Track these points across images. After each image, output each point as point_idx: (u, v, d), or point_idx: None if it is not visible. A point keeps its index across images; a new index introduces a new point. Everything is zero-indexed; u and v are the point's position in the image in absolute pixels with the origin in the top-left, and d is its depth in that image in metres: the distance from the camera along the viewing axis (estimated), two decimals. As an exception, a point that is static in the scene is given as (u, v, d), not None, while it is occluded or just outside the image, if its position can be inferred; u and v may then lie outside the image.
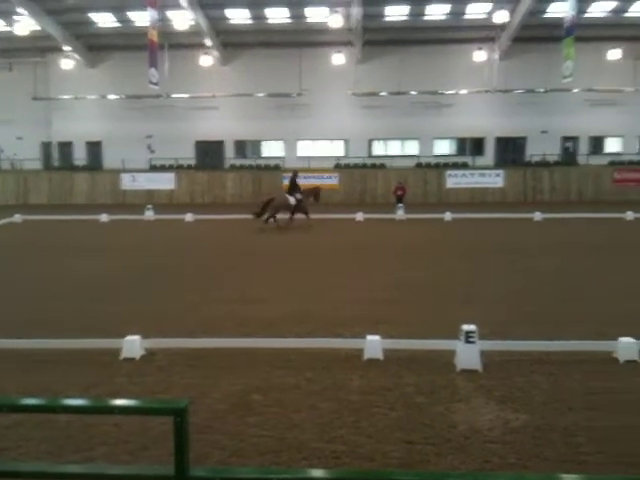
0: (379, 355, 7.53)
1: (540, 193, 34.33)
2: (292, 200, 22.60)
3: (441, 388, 6.64)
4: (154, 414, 2.94)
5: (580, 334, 8.17)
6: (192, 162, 37.26)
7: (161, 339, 8.00)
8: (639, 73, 34.36)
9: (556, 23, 29.92)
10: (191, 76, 35.88)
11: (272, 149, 38.49)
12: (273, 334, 8.39)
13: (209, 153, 37.76)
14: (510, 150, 37.34)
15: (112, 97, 36.86)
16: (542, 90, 34.87)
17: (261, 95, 36.12)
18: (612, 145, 37.23)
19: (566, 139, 36.82)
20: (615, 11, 32.47)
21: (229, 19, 33.97)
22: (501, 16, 31.40)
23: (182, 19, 31.62)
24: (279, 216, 22.47)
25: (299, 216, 22.98)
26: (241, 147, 38.43)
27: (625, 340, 7.43)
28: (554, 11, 31.57)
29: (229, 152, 38.09)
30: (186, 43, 34.52)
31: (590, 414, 5.95)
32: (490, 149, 37.25)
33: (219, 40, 35.50)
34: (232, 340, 8.00)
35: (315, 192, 23.68)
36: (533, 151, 36.33)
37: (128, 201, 34.70)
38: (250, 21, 34.13)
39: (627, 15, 32.90)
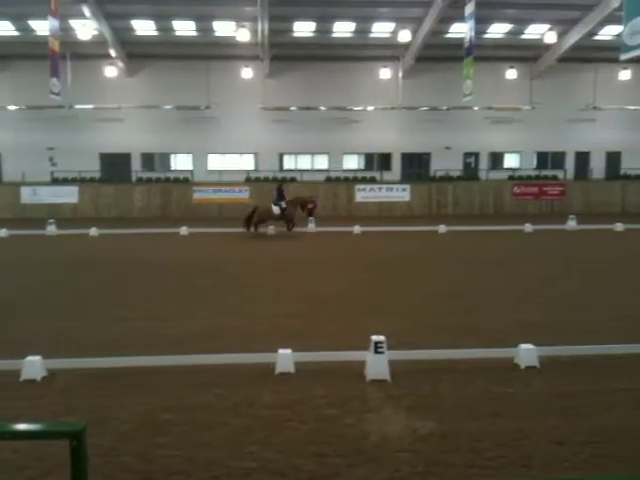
0: (291, 369, 7.53)
1: (444, 207, 35.46)
2: (276, 209, 23.05)
3: (352, 399, 6.70)
4: (49, 438, 2.78)
5: (482, 342, 8.51)
6: (97, 175, 36.10)
7: (63, 359, 7.66)
8: (534, 92, 36.30)
9: (457, 43, 31.08)
10: (95, 87, 34.88)
11: (181, 162, 37.87)
12: (182, 351, 8.21)
13: (115, 166, 36.59)
14: (415, 165, 38.48)
15: (12, 108, 35.24)
16: (445, 108, 36.24)
17: (168, 107, 35.58)
18: (510, 161, 39.12)
19: (468, 155, 38.36)
20: (512, 33, 34.22)
21: (134, 30, 33.25)
22: (404, 36, 32.45)
23: (85, 29, 30.74)
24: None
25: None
26: (149, 160, 37.59)
27: (525, 347, 7.77)
28: (455, 31, 32.83)
29: (136, 165, 37.18)
30: (90, 53, 33.57)
31: (494, 419, 6.17)
32: (397, 164, 38.24)
33: (124, 51, 34.70)
34: (138, 359, 7.75)
35: (301, 203, 23.83)
36: (437, 166, 37.56)
37: (29, 215, 33.12)
38: (156, 32, 33.55)
39: (523, 37, 34.75)
